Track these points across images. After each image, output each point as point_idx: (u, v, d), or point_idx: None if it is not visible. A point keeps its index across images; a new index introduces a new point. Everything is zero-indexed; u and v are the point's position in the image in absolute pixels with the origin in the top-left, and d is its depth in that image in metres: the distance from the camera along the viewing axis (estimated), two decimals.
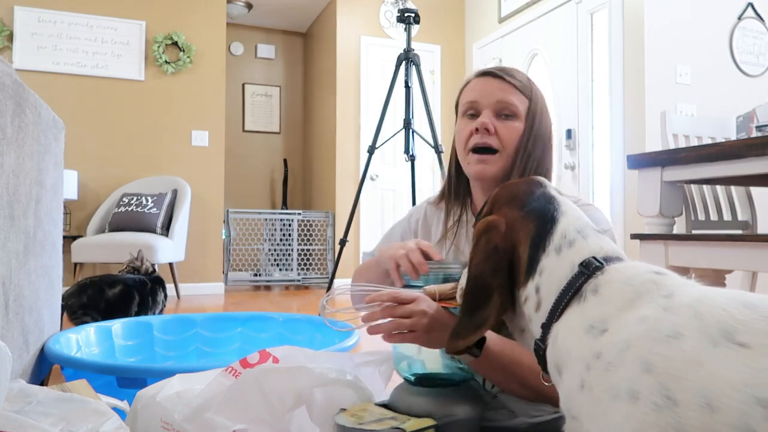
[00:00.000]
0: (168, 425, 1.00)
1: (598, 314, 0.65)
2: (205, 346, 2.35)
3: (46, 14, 4.66)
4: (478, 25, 5.58)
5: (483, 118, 1.09)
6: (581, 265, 0.70)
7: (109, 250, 4.13)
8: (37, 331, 1.73)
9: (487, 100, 1.10)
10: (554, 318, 0.70)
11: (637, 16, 3.77)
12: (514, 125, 1.10)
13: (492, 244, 0.78)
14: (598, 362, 0.62)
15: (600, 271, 0.69)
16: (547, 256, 0.74)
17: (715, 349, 0.55)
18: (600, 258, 0.70)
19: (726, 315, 0.56)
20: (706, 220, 2.38)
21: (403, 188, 5.18)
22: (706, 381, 0.53)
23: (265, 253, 5.67)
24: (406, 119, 3.13)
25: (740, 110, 2.22)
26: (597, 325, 0.64)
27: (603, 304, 0.66)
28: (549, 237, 0.74)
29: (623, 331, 0.61)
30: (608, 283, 0.67)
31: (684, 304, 0.60)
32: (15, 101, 1.39)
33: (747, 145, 1.64)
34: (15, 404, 0.95)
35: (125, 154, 4.84)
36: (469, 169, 1.13)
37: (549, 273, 0.73)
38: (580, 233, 0.74)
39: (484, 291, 0.78)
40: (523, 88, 1.11)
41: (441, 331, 0.93)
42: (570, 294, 0.69)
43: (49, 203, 1.86)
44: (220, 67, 5.15)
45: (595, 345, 0.63)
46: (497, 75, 1.12)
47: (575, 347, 0.65)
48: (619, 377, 0.59)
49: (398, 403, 1.02)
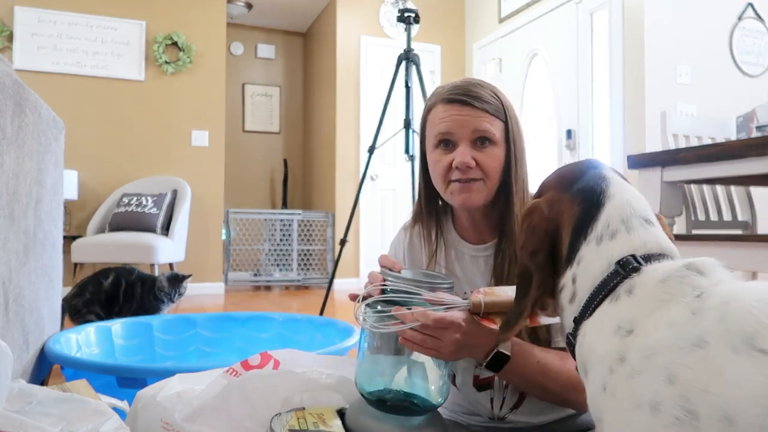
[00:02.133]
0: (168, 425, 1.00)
1: (628, 315, 0.63)
2: (205, 346, 2.35)
3: (46, 14, 4.66)
4: (478, 25, 5.58)
5: (461, 157, 1.03)
6: (618, 263, 0.66)
7: (109, 250, 4.13)
8: (37, 331, 1.73)
9: (462, 132, 1.04)
10: (586, 314, 0.67)
11: (637, 16, 3.77)
12: (494, 152, 1.05)
13: (533, 225, 0.74)
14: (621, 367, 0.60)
15: (637, 272, 0.65)
16: (588, 244, 0.70)
17: (736, 357, 0.52)
18: (640, 256, 0.66)
19: (751, 318, 0.53)
20: (706, 220, 2.38)
21: (403, 188, 5.18)
22: (725, 393, 0.51)
23: (265, 253, 5.67)
24: (406, 119, 3.13)
25: (740, 110, 2.22)
26: (625, 325, 0.62)
27: (635, 305, 0.63)
28: (592, 223, 0.70)
29: (650, 335, 0.59)
30: (643, 284, 0.64)
31: (712, 306, 0.57)
32: (15, 101, 1.39)
33: (747, 145, 1.64)
34: (15, 404, 0.95)
35: (125, 154, 4.84)
36: (452, 200, 1.08)
37: (586, 264, 0.69)
38: (625, 224, 0.69)
39: (529, 275, 0.74)
40: (496, 111, 1.05)
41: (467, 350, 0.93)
42: (604, 293, 0.66)
43: (49, 203, 1.86)
44: (220, 67, 5.15)
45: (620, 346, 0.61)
46: (467, 102, 1.04)
47: (600, 347, 0.63)
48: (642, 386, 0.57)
49: (348, 420, 0.96)
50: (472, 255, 1.13)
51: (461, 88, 1.06)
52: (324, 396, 1.01)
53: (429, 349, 0.91)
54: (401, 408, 0.96)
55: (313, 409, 0.97)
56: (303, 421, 0.93)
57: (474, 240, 1.14)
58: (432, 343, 0.90)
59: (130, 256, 4.17)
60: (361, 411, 0.96)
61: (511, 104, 1.10)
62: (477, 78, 1.12)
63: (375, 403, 0.96)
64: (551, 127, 4.51)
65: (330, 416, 0.96)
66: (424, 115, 1.13)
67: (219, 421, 0.94)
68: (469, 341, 0.92)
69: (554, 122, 4.49)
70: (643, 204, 0.73)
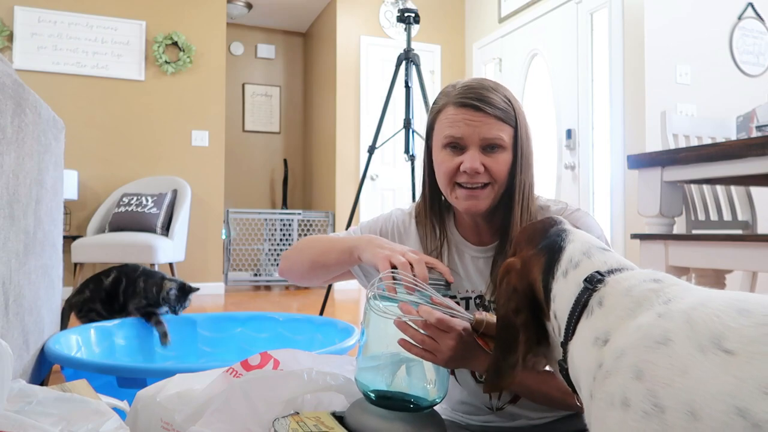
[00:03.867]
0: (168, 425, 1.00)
1: (603, 325, 0.67)
2: (205, 346, 2.35)
3: (46, 14, 4.66)
4: (478, 25, 5.58)
5: (471, 162, 1.03)
6: (585, 280, 0.72)
7: (109, 250, 4.13)
8: (37, 331, 1.73)
9: (472, 137, 1.03)
10: (569, 336, 0.72)
11: (637, 16, 3.77)
12: (502, 158, 1.05)
13: (511, 284, 0.81)
14: (599, 371, 0.63)
15: (602, 284, 0.70)
16: (557, 281, 0.76)
17: (702, 355, 0.55)
18: (603, 271, 0.72)
19: (718, 321, 0.56)
20: (706, 220, 2.38)
21: (403, 188, 5.18)
22: (691, 388, 0.54)
23: (265, 253, 5.67)
24: (406, 119, 3.13)
25: (740, 110, 2.22)
26: (601, 336, 0.66)
27: (607, 315, 0.67)
28: (557, 264, 0.77)
29: (620, 339, 0.63)
30: (610, 294, 0.69)
31: (679, 310, 0.60)
32: (15, 101, 1.39)
33: (747, 145, 1.64)
34: (15, 404, 0.95)
35: (125, 154, 4.84)
36: (458, 204, 1.08)
37: (560, 296, 0.75)
38: (585, 254, 0.76)
39: (512, 331, 0.80)
40: (507, 117, 1.05)
41: (461, 360, 0.94)
42: (579, 310, 0.71)
43: (49, 203, 1.86)
44: (220, 67, 5.15)
45: (598, 355, 0.64)
46: (479, 108, 1.03)
47: (585, 360, 0.67)
48: (614, 384, 0.60)
49: (350, 419, 0.96)
50: (473, 255, 1.13)
51: (473, 91, 1.05)
52: (326, 397, 1.01)
53: (426, 352, 0.92)
54: (402, 405, 0.97)
55: (309, 413, 0.97)
56: (303, 423, 0.93)
57: (475, 241, 1.14)
58: (430, 344, 0.91)
59: (130, 256, 4.16)
60: (362, 410, 0.96)
61: (521, 109, 1.09)
62: (489, 79, 1.10)
63: (377, 402, 0.96)
64: (551, 127, 4.51)
65: (327, 419, 0.96)
66: (433, 114, 1.12)
67: (220, 422, 0.94)
68: (466, 353, 0.93)
69: (554, 122, 4.49)
70: (600, 242, 0.80)
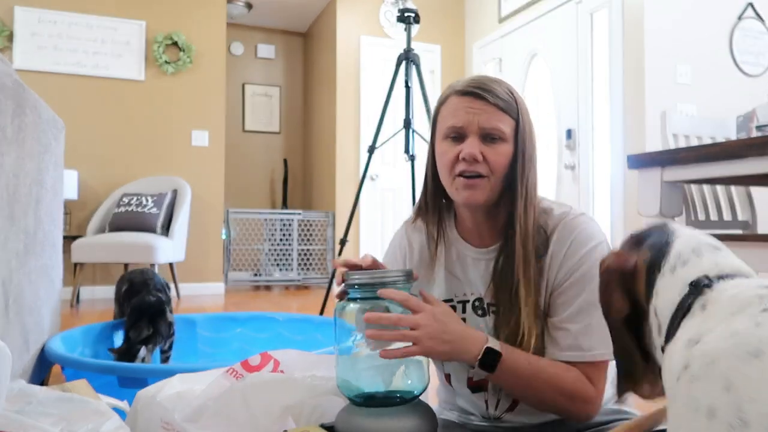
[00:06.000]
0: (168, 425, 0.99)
1: (700, 328, 0.65)
2: (205, 346, 2.35)
3: (46, 14, 4.66)
4: (478, 25, 5.58)
5: (470, 149, 1.03)
6: (691, 284, 0.70)
7: (109, 250, 4.14)
8: (37, 331, 1.73)
9: (472, 126, 1.04)
10: (670, 338, 0.70)
11: (637, 16, 3.77)
12: (502, 149, 1.05)
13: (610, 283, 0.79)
14: (685, 373, 0.62)
15: (709, 288, 0.68)
16: (663, 276, 0.74)
17: None
18: (712, 276, 0.70)
19: None
20: (706, 220, 2.38)
21: (403, 188, 5.18)
22: None
23: (265, 253, 5.67)
24: (406, 119, 3.13)
25: (740, 110, 2.22)
26: (695, 337, 0.64)
27: (708, 319, 0.65)
28: (664, 259, 0.75)
29: (713, 343, 0.61)
30: (716, 300, 0.67)
31: None
32: (15, 101, 1.39)
33: (747, 145, 1.64)
34: (15, 404, 0.94)
35: (125, 154, 4.84)
36: (457, 196, 1.08)
37: (664, 293, 0.73)
38: (695, 252, 0.74)
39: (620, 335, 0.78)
40: (508, 108, 1.06)
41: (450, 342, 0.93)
42: (681, 313, 0.69)
43: (49, 203, 1.86)
44: (220, 67, 5.15)
45: (686, 355, 0.63)
46: (480, 96, 1.04)
47: (674, 362, 0.66)
48: (702, 391, 0.59)
49: (340, 425, 0.96)
50: (473, 257, 1.12)
51: (477, 81, 1.07)
52: (326, 401, 1.00)
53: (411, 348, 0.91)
54: (388, 402, 0.97)
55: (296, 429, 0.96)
56: None
57: (476, 243, 1.13)
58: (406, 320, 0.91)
59: (130, 256, 4.17)
60: (349, 414, 0.96)
61: (525, 105, 1.10)
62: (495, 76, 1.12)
63: (361, 403, 0.97)
64: (551, 127, 4.51)
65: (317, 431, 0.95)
66: (437, 106, 1.13)
67: (219, 425, 0.94)
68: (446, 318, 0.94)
69: (554, 122, 4.49)
70: (710, 238, 0.78)
